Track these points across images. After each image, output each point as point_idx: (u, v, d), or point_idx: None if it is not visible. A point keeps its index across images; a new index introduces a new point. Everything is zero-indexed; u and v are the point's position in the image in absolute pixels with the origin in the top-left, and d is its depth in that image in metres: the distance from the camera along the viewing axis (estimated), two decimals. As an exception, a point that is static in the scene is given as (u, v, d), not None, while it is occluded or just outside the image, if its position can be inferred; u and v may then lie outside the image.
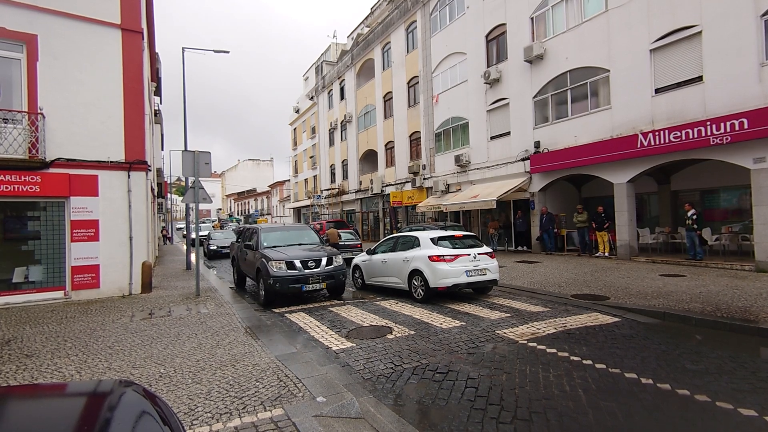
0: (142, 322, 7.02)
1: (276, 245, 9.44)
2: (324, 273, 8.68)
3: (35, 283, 9.16)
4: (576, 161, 14.13)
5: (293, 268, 8.46)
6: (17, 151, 8.59)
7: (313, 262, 8.71)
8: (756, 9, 10.01)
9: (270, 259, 8.49)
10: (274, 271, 8.35)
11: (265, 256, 8.66)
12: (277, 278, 8.27)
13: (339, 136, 33.68)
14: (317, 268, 8.69)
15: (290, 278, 8.33)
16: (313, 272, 8.57)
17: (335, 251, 9.37)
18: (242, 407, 3.72)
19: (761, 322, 5.87)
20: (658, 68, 12.11)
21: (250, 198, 72.98)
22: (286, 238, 9.99)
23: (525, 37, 16.19)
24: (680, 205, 13.34)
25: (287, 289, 8.33)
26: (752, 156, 10.13)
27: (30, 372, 4.78)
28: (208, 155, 9.53)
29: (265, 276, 8.40)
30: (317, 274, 8.60)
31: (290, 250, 9.13)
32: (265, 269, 8.44)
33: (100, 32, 9.67)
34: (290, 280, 8.31)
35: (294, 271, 8.46)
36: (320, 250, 9.39)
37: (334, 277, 8.81)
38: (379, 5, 32.25)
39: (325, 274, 8.68)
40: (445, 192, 20.33)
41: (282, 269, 8.40)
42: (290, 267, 8.45)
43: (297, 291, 8.48)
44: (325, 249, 9.55)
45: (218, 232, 24.56)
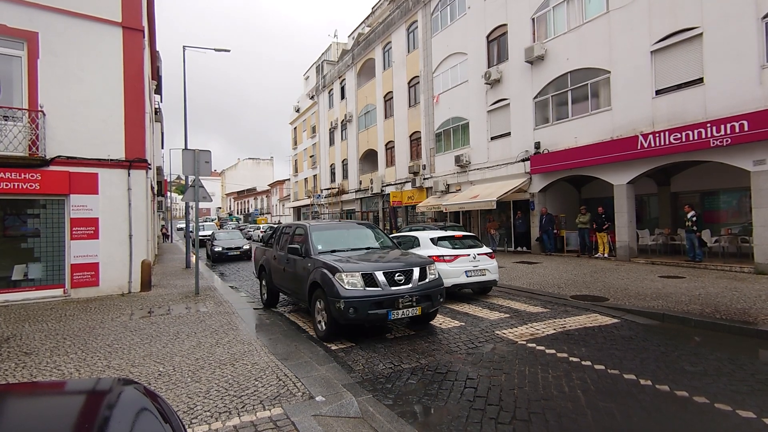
0: (142, 321, 7.02)
1: (335, 249, 6.84)
2: (418, 291, 5.89)
3: (34, 280, 9.15)
4: (576, 162, 14.14)
5: (374, 285, 5.74)
6: (17, 148, 8.58)
7: (401, 275, 5.91)
8: (757, 11, 10.01)
9: (337, 270, 5.79)
10: (346, 289, 5.61)
11: (328, 266, 5.97)
12: (352, 300, 5.52)
13: (339, 135, 33.68)
14: (408, 283, 5.90)
15: (371, 300, 5.59)
16: (403, 290, 5.80)
17: (428, 260, 6.57)
18: (241, 406, 3.72)
19: (760, 324, 5.88)
20: (659, 70, 12.11)
21: (250, 197, 72.98)
22: (346, 240, 7.38)
23: (526, 37, 16.19)
24: (680, 207, 13.37)
25: (366, 317, 5.57)
26: (752, 158, 10.13)
27: (29, 370, 4.78)
28: (209, 154, 9.53)
29: (331, 296, 5.65)
30: (409, 294, 5.81)
31: (359, 257, 6.50)
32: (330, 286, 5.72)
33: (101, 30, 9.66)
34: (371, 303, 5.58)
35: (376, 289, 5.71)
36: (403, 257, 6.58)
37: (431, 297, 6.01)
38: (380, 5, 32.24)
39: (419, 293, 5.89)
40: (445, 192, 20.33)
41: (357, 286, 5.66)
42: (369, 283, 5.74)
43: (380, 319, 5.71)
44: (410, 255, 6.77)
45: (223, 232, 22.56)
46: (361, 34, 30.91)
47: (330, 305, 5.67)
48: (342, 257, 6.35)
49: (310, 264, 6.50)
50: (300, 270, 6.79)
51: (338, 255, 6.49)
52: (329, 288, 5.73)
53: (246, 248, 19.31)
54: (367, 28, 32.35)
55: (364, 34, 30.07)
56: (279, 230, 8.69)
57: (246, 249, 19.28)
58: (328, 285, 5.75)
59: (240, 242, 19.93)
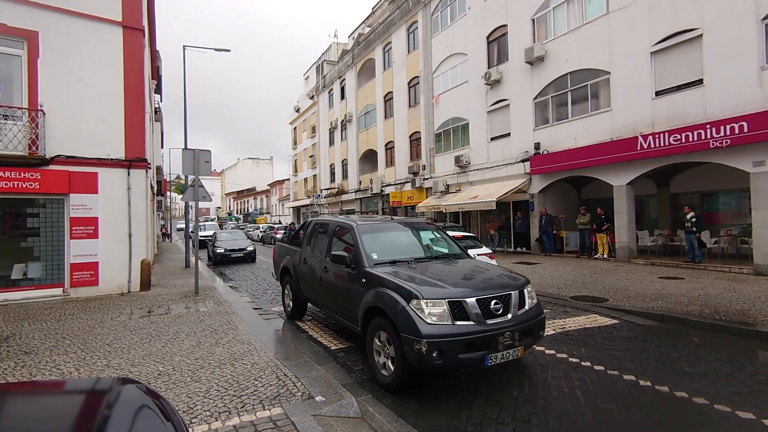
0: (141, 320, 7.02)
1: (395, 260, 5.12)
2: (520, 324, 4.22)
3: (34, 280, 9.14)
4: (576, 163, 14.15)
5: (465, 317, 4.04)
6: (17, 147, 8.57)
7: (498, 302, 4.21)
8: (757, 12, 10.03)
9: (413, 295, 4.10)
10: (428, 323, 3.93)
11: (398, 288, 4.27)
12: (438, 341, 3.85)
13: (339, 135, 33.68)
14: (506, 313, 4.22)
15: (463, 339, 3.92)
16: (503, 324, 4.12)
17: (524, 278, 4.81)
18: (241, 406, 3.72)
19: (759, 325, 5.89)
20: (659, 71, 12.12)
21: (250, 197, 72.96)
22: (405, 245, 5.70)
23: (526, 38, 16.20)
24: (680, 208, 13.38)
25: (456, 362, 3.90)
26: (752, 159, 10.15)
27: (28, 369, 4.78)
28: (209, 153, 9.52)
29: (407, 332, 3.96)
30: (511, 329, 4.12)
31: (433, 273, 4.76)
32: (404, 318, 4.03)
33: (101, 29, 9.66)
34: (463, 344, 3.92)
35: (467, 323, 4.02)
36: (489, 273, 4.95)
37: (533, 331, 4.37)
38: (380, 5, 32.25)
39: (521, 325, 4.22)
40: (445, 192, 20.34)
41: (444, 319, 3.98)
42: (458, 313, 4.04)
43: (474, 365, 4.01)
44: (495, 270, 5.18)
45: (225, 232, 21.10)
46: (361, 35, 30.92)
47: (404, 345, 3.97)
48: (410, 273, 4.67)
49: (364, 280, 4.81)
50: (347, 285, 5.16)
51: (401, 268, 4.86)
52: (402, 321, 4.02)
53: (250, 250, 18.27)
54: (367, 28, 32.36)
55: (365, 34, 30.08)
56: (309, 227, 6.96)
57: (250, 251, 18.24)
58: (401, 316, 4.04)
59: (243, 243, 18.78)
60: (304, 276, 6.64)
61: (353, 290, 5.00)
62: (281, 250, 8.07)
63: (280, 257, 7.96)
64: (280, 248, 8.14)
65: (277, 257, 8.14)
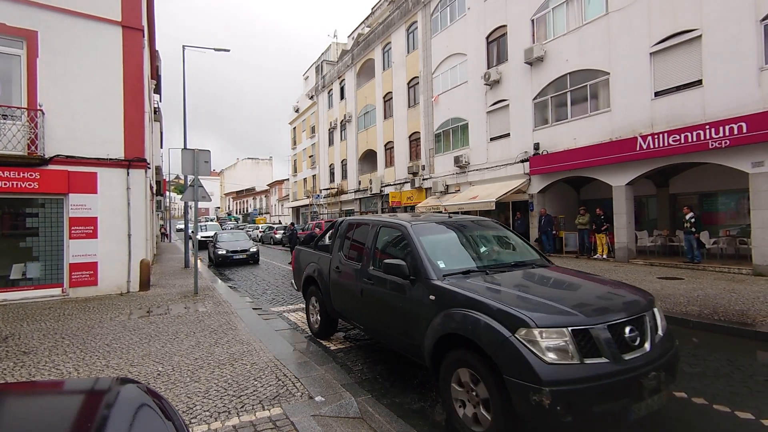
0: (140, 320, 7.01)
1: (468, 270, 4.01)
2: (661, 357, 3.12)
3: (33, 280, 9.13)
4: (575, 163, 14.16)
5: (596, 353, 2.89)
6: (16, 147, 8.57)
7: (633, 328, 3.10)
8: (756, 13, 10.04)
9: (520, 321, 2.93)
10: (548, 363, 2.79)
11: (495, 311, 3.09)
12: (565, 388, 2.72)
13: (338, 135, 33.68)
14: (643, 343, 3.11)
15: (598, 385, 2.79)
16: (644, 359, 3.01)
17: (646, 292, 3.73)
18: (240, 406, 3.72)
19: (758, 325, 5.90)
20: (658, 71, 12.14)
21: (249, 197, 72.94)
22: (473, 250, 4.59)
23: (525, 38, 16.22)
24: (679, 208, 13.40)
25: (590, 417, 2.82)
26: (751, 160, 10.16)
27: (27, 369, 4.77)
28: (208, 153, 9.52)
29: (516, 375, 2.81)
30: (654, 366, 3.01)
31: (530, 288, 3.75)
32: (513, 355, 2.85)
33: (100, 29, 9.65)
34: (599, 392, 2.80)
35: (600, 361, 2.87)
36: (597, 284, 3.94)
37: (674, 368, 3.28)
38: (380, 5, 32.26)
39: (663, 360, 3.13)
40: (445, 193, 20.34)
41: (569, 356, 2.83)
42: (586, 347, 2.89)
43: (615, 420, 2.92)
44: (611, 284, 3.98)
45: (226, 232, 20.18)
46: (360, 35, 30.93)
47: (512, 393, 2.84)
48: (502, 288, 3.55)
49: (432, 297, 3.66)
50: (404, 303, 4.05)
51: (481, 281, 3.76)
52: (507, 359, 2.88)
53: (253, 251, 17.57)
54: (366, 28, 32.37)
55: (364, 34, 30.09)
56: (341, 228, 5.82)
57: (253, 252, 17.55)
58: (504, 353, 2.90)
59: (246, 244, 18.02)
60: (338, 288, 5.48)
61: (414, 310, 3.87)
62: (304, 255, 6.72)
63: (302, 264, 6.66)
64: (303, 254, 6.80)
65: (299, 264, 6.84)
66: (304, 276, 6.47)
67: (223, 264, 17.08)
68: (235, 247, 17.40)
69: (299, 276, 6.78)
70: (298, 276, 6.82)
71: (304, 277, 6.50)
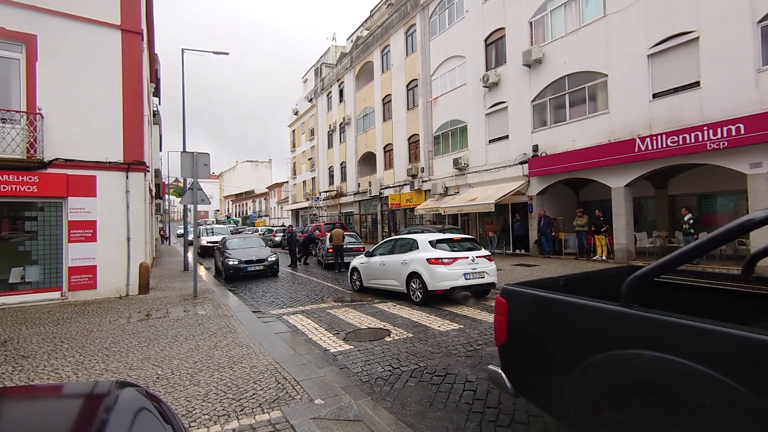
0: (140, 324, 7.00)
1: None
2: None
3: (32, 283, 9.12)
4: (574, 165, 14.18)
5: None
6: (15, 151, 8.57)
7: None
8: (753, 15, 10.09)
9: None
10: None
11: None
12: None
13: (338, 138, 33.72)
14: None
15: None
16: None
17: None
18: (240, 409, 3.71)
19: (758, 326, 5.89)
20: (656, 73, 12.18)
21: (248, 199, 72.91)
22: None
23: (524, 41, 16.27)
24: (677, 210, 13.41)
25: None
26: (749, 161, 10.19)
27: (26, 373, 4.76)
28: (207, 156, 9.52)
29: None
30: None
31: None
32: None
33: (99, 33, 9.67)
34: None
35: None
36: None
37: None
38: (378, 8, 32.37)
39: None
40: (444, 195, 20.36)
41: None
42: None
43: None
44: None
45: (237, 238, 16.65)
46: (359, 37, 31.01)
47: None
48: None
49: None
50: None
51: None
52: None
53: (272, 260, 14.23)
54: (365, 31, 32.46)
55: (363, 37, 30.17)
56: None
57: (272, 261, 14.22)
58: None
59: (262, 252, 14.72)
60: None
61: None
62: None
63: None
64: None
65: None
66: None
67: (235, 277, 13.76)
68: (250, 256, 14.10)
69: None
70: None
71: None
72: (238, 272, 13.70)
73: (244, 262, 13.79)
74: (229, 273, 13.64)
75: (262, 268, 13.91)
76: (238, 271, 13.71)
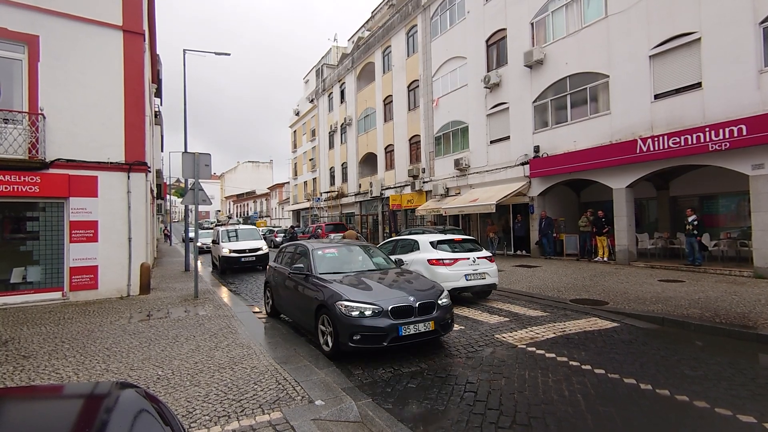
0: (140, 324, 7.00)
1: None
2: None
3: (33, 283, 9.13)
4: (575, 166, 14.16)
5: None
6: (17, 151, 8.59)
7: None
8: (755, 16, 10.07)
9: None
10: None
11: None
12: None
13: (339, 138, 33.73)
14: None
15: None
16: None
17: None
18: (240, 410, 3.71)
19: (760, 328, 5.88)
20: (658, 74, 12.16)
21: (249, 200, 72.97)
22: None
23: (525, 42, 16.26)
24: (679, 211, 13.39)
25: None
26: (751, 162, 10.16)
27: (27, 373, 4.76)
28: (208, 157, 9.53)
29: None
30: None
31: None
32: None
33: (101, 33, 9.69)
34: None
35: None
36: None
37: None
38: (380, 9, 32.40)
39: None
40: (445, 195, 20.35)
41: None
42: None
43: None
44: None
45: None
46: (360, 38, 31.03)
47: None
48: None
49: None
50: None
51: None
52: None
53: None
54: (367, 32, 32.48)
55: (364, 38, 30.19)
56: None
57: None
58: None
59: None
60: None
61: None
62: None
63: None
64: None
65: None
66: None
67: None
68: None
69: None
70: None
71: None
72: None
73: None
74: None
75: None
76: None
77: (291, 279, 6.70)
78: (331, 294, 5.40)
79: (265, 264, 14.39)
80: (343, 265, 6.69)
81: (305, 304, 6.03)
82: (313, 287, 5.90)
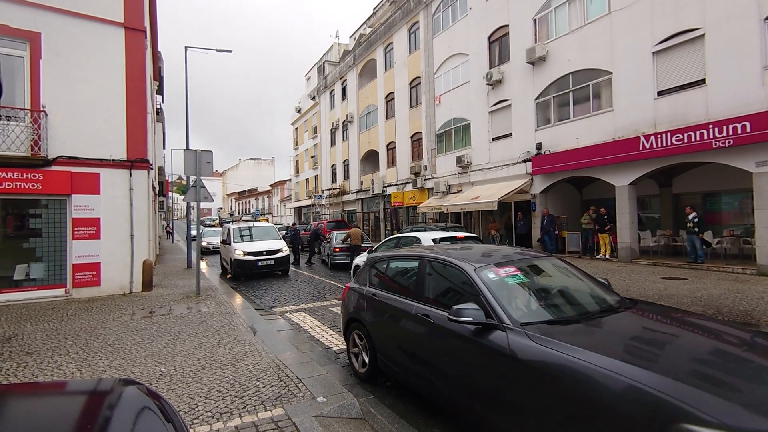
0: (143, 321, 7.02)
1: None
2: None
3: (36, 280, 9.17)
4: (577, 163, 14.11)
5: None
6: (20, 148, 8.61)
7: None
8: (759, 12, 9.99)
9: None
10: None
11: None
12: None
13: (340, 136, 33.70)
14: None
15: None
16: None
17: None
18: (243, 407, 3.72)
19: (762, 325, 5.86)
20: (661, 71, 12.09)
21: (251, 197, 73.04)
22: None
23: (527, 38, 16.18)
24: (682, 208, 13.33)
25: None
26: (754, 159, 10.10)
27: (30, 369, 4.79)
28: (210, 154, 9.54)
29: None
30: None
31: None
32: None
33: (103, 30, 9.69)
34: None
35: None
36: None
37: None
38: (381, 6, 32.27)
39: None
40: (447, 193, 20.32)
41: None
42: None
43: None
44: None
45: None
46: (362, 35, 30.94)
47: None
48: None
49: None
50: None
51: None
52: None
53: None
54: (368, 28, 32.38)
55: (366, 34, 30.10)
56: None
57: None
58: None
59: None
60: None
61: None
62: None
63: None
64: None
65: None
66: None
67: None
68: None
69: None
70: None
71: None
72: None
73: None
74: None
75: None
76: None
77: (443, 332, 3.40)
78: None
79: (285, 269, 12.59)
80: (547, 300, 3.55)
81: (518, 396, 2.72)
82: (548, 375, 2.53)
